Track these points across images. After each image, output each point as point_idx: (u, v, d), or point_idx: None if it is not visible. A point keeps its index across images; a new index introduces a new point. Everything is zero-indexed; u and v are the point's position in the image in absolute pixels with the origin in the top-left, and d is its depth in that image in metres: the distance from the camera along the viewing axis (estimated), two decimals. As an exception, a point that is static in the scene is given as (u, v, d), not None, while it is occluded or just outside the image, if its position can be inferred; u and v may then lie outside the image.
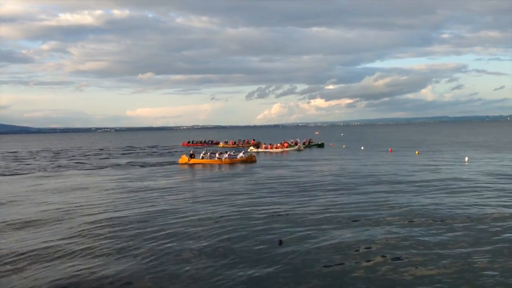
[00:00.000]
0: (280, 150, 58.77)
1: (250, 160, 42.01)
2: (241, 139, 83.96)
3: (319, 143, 68.17)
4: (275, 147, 59.79)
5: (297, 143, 62.35)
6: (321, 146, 66.60)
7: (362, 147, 60.03)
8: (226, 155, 42.71)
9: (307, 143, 67.43)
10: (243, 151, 45.80)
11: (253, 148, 60.80)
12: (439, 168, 32.08)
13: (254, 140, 76.58)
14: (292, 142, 64.25)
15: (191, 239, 13.80)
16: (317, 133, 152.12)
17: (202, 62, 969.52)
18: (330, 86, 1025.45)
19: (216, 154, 43.43)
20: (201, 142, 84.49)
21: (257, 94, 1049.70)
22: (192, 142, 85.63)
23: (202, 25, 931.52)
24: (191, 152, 44.97)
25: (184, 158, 42.58)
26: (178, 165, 41.29)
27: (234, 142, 78.69)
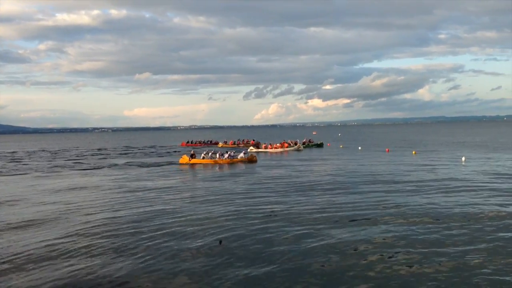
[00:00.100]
0: (280, 150, 58.85)
1: (251, 160, 42.02)
2: (240, 139, 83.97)
3: (318, 143, 68.34)
4: (275, 147, 59.88)
5: (297, 143, 62.50)
6: (320, 146, 66.75)
7: (360, 147, 60.12)
8: (226, 155, 42.79)
9: (307, 143, 67.62)
10: (244, 151, 45.91)
11: (253, 148, 60.86)
12: (436, 168, 32.19)
13: (254, 140, 76.61)
14: (291, 142, 64.35)
15: (189, 239, 13.84)
16: (314, 133, 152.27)
17: (199, 62, 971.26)
18: (327, 86, 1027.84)
19: (217, 155, 43.53)
20: (200, 142, 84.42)
21: (254, 94, 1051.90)
22: (191, 142, 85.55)
23: (199, 25, 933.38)
24: (192, 152, 45.16)
25: (185, 158, 42.62)
26: (177, 165, 41.30)
27: (234, 142, 78.67)
